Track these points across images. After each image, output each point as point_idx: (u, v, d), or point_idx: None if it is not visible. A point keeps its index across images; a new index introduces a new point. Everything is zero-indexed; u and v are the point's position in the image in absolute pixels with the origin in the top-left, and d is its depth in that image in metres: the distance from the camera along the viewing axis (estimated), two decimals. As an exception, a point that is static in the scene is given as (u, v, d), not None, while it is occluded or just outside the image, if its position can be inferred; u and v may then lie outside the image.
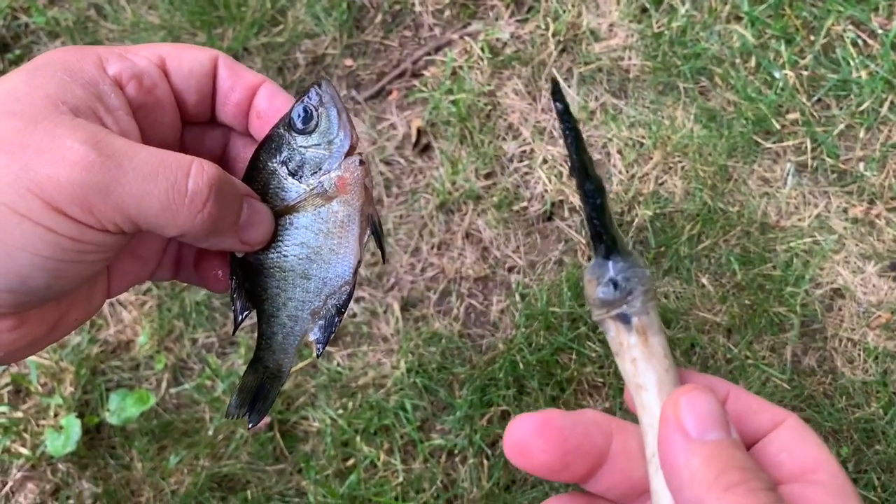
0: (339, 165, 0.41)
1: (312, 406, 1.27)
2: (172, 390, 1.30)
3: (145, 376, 1.31)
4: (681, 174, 1.36)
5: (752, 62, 1.41)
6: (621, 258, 0.34)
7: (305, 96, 0.41)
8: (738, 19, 1.43)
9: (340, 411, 1.26)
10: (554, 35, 1.44)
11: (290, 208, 0.41)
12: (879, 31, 1.39)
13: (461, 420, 1.24)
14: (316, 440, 1.26)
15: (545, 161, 1.39)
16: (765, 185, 1.36)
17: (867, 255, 1.31)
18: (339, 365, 1.30)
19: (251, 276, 0.43)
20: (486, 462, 1.23)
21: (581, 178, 0.35)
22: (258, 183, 0.42)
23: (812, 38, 1.41)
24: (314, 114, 0.41)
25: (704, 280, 1.31)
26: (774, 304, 1.28)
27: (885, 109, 1.36)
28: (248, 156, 0.43)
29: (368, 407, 1.26)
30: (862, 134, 1.37)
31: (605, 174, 1.38)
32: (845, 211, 1.34)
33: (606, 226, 0.35)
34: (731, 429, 0.32)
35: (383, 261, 0.71)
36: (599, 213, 0.35)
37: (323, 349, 0.43)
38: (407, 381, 1.27)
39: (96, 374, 1.31)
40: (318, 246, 0.42)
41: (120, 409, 1.27)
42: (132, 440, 1.26)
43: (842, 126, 1.37)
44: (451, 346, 1.30)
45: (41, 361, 1.29)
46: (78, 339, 1.31)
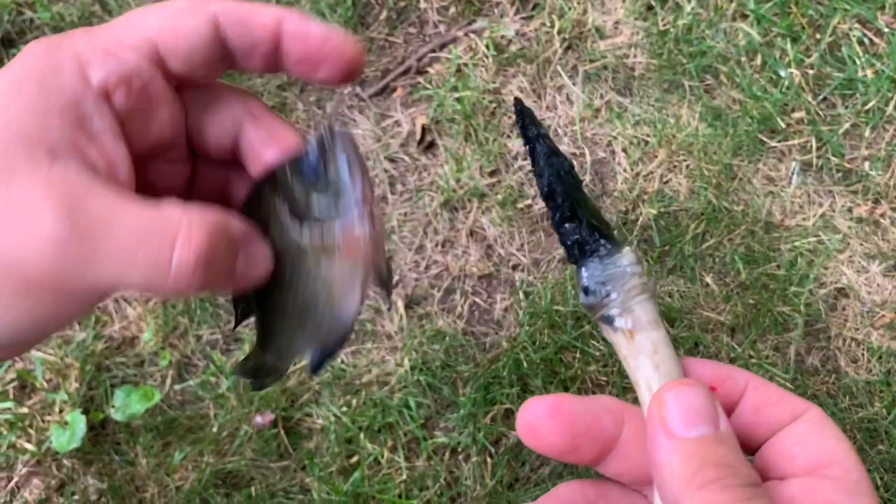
0: (349, 219, 0.38)
1: (316, 403, 1.28)
2: (177, 387, 1.31)
3: (150, 373, 1.32)
4: (685, 173, 1.36)
5: (758, 60, 1.40)
6: (597, 262, 0.34)
7: (317, 141, 0.38)
8: (744, 17, 1.43)
9: (344, 409, 1.27)
10: (559, 32, 1.44)
11: (291, 251, 0.39)
12: (886, 30, 1.39)
13: (465, 418, 1.25)
14: (320, 437, 1.26)
15: (550, 159, 1.39)
16: (769, 184, 1.36)
17: (872, 254, 1.31)
18: (342, 362, 1.30)
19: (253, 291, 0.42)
20: (489, 460, 1.23)
21: (548, 199, 0.35)
22: (259, 215, 0.38)
23: (818, 36, 1.40)
24: (324, 163, 0.37)
25: (708, 279, 1.31)
26: (778, 303, 1.29)
27: (890, 108, 1.36)
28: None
29: (372, 404, 1.26)
30: (867, 133, 1.36)
31: (609, 172, 1.38)
32: (850, 210, 1.34)
33: (577, 235, 0.34)
34: (720, 422, 0.31)
35: (386, 306, 0.63)
36: (568, 227, 0.35)
37: (316, 371, 0.42)
38: (411, 379, 1.27)
39: (101, 370, 1.31)
40: (317, 292, 0.39)
41: (125, 405, 1.27)
42: (137, 436, 1.27)
43: (847, 125, 1.37)
44: (455, 343, 1.30)
45: (46, 357, 1.30)
46: (83, 335, 1.32)
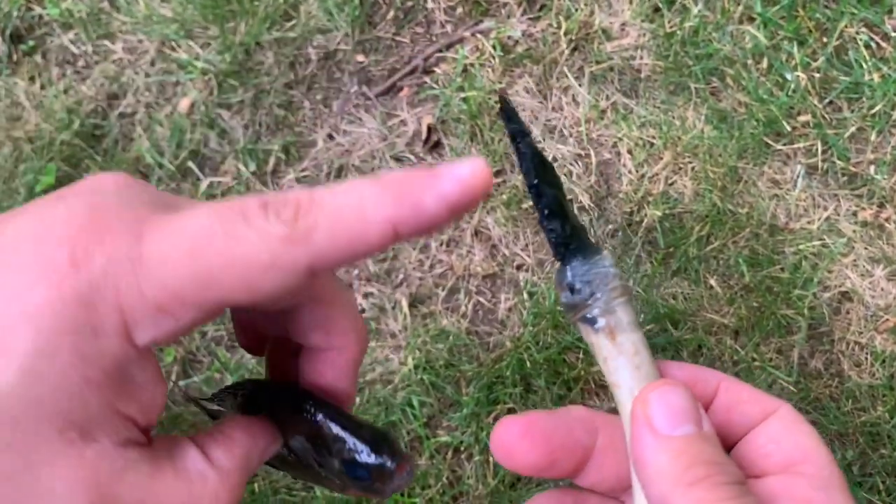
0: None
1: (320, 401, 1.28)
2: (182, 383, 1.31)
3: (155, 368, 1.32)
4: (691, 175, 1.36)
5: (765, 63, 1.40)
6: (580, 262, 0.34)
7: (375, 456, 0.34)
8: (751, 20, 1.43)
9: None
10: (566, 33, 1.44)
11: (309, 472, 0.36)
12: (893, 34, 1.39)
13: (468, 417, 1.25)
14: (323, 434, 1.27)
15: (555, 160, 1.39)
16: (774, 187, 1.36)
17: (876, 258, 1.31)
18: (346, 360, 1.31)
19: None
20: (491, 459, 1.24)
21: (534, 195, 0.35)
22: (292, 431, 0.35)
23: (825, 39, 1.40)
24: (377, 477, 0.34)
25: (713, 281, 1.31)
26: (782, 306, 1.29)
27: (896, 113, 1.36)
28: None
29: (376, 403, 1.27)
30: (873, 137, 1.36)
31: (614, 173, 1.38)
32: (855, 214, 1.34)
33: (562, 234, 0.34)
34: (703, 422, 0.31)
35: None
36: (555, 224, 0.35)
37: None
38: (414, 378, 1.28)
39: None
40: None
41: (129, 400, 1.28)
42: (141, 431, 1.27)
43: (853, 129, 1.37)
44: (459, 343, 1.30)
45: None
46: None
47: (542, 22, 1.47)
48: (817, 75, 1.39)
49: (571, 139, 1.41)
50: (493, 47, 1.45)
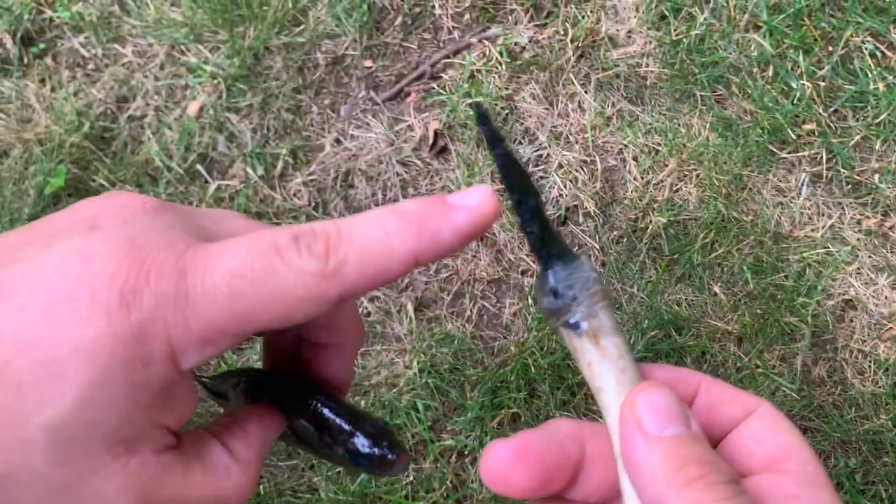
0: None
1: (325, 403, 1.29)
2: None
3: (161, 370, 1.33)
4: (695, 182, 1.37)
5: (770, 72, 1.41)
6: (561, 267, 0.34)
7: (377, 449, 0.37)
8: (757, 28, 1.43)
9: (353, 409, 1.28)
10: (572, 41, 1.45)
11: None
12: (898, 44, 1.39)
13: (472, 421, 1.26)
14: (328, 437, 1.28)
15: (560, 166, 1.40)
16: (779, 195, 1.36)
17: (880, 267, 1.31)
18: (352, 363, 1.31)
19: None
20: (495, 463, 1.24)
21: (516, 201, 0.35)
22: (300, 415, 0.38)
23: (830, 48, 1.41)
24: (378, 465, 0.37)
25: (717, 288, 1.32)
26: (786, 313, 1.29)
27: (901, 122, 1.36)
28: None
29: (381, 406, 1.28)
30: (878, 145, 1.37)
31: (620, 180, 1.39)
32: (859, 222, 1.34)
33: (544, 239, 0.35)
34: (691, 422, 0.31)
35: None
36: (537, 229, 0.35)
37: None
38: (419, 382, 1.28)
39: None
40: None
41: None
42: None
43: (858, 137, 1.37)
44: (464, 347, 1.31)
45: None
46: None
47: (549, 29, 1.48)
48: (823, 84, 1.40)
49: (577, 145, 1.42)
50: (500, 54, 1.46)
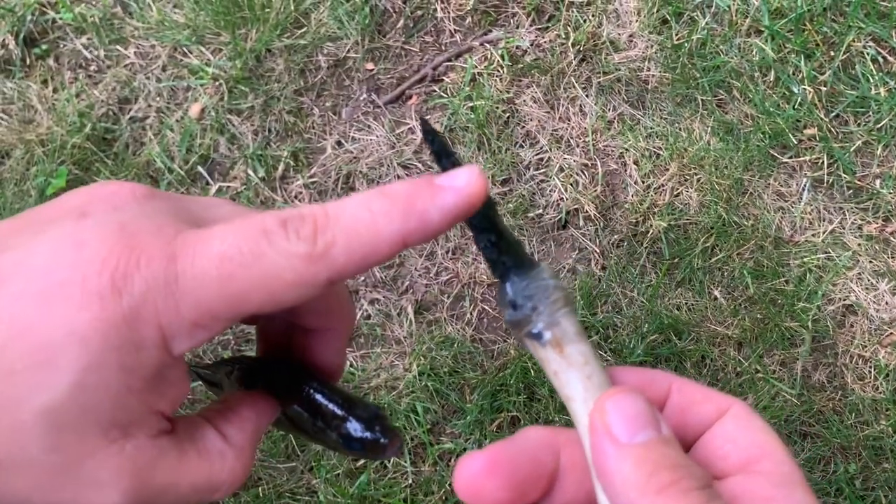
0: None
1: (325, 406, 1.29)
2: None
3: (161, 371, 1.33)
4: (696, 186, 1.37)
5: (772, 76, 1.41)
6: (519, 277, 0.34)
7: (375, 430, 0.37)
8: (759, 33, 1.44)
9: (352, 412, 1.28)
10: (574, 44, 1.45)
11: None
12: (900, 49, 1.39)
13: (471, 425, 1.26)
14: (327, 439, 1.28)
15: (561, 169, 1.40)
16: (780, 200, 1.36)
17: (881, 272, 1.31)
18: (351, 366, 1.31)
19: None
20: (494, 467, 1.24)
21: (472, 214, 0.34)
22: (296, 401, 0.39)
23: (832, 53, 1.41)
24: (371, 449, 0.37)
25: (717, 293, 1.32)
26: (786, 318, 1.29)
27: (903, 127, 1.36)
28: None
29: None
30: (879, 151, 1.37)
31: (621, 184, 1.39)
32: (860, 228, 1.34)
33: (500, 250, 0.34)
34: (661, 426, 0.31)
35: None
36: (491, 240, 0.34)
37: None
38: (419, 384, 1.28)
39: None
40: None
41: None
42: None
43: (859, 142, 1.37)
44: (464, 350, 1.31)
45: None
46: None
47: (551, 33, 1.48)
48: (824, 89, 1.40)
49: (578, 149, 1.42)
50: (502, 57, 1.46)
